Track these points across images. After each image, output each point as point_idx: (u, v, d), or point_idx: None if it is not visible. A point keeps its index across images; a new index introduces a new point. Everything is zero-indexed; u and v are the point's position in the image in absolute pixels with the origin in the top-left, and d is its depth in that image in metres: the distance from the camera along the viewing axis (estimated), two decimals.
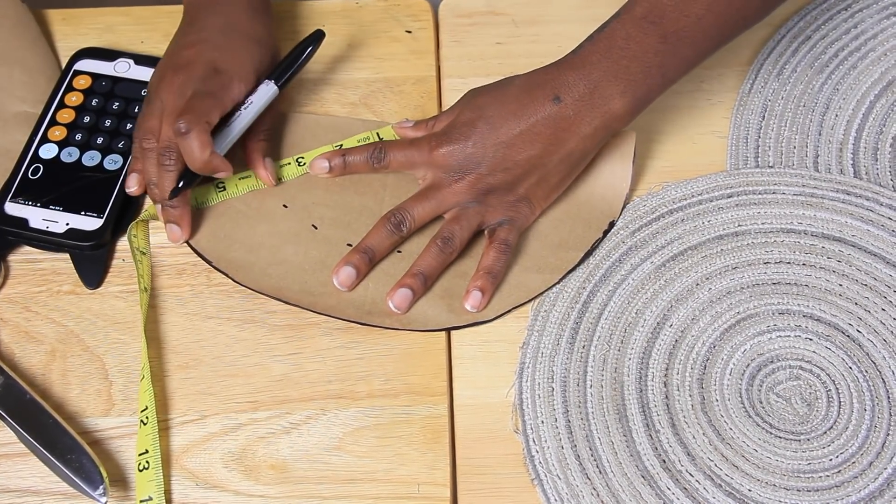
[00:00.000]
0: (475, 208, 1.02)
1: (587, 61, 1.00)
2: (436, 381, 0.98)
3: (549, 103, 1.00)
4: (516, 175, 1.01)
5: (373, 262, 1.02)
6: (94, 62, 1.14)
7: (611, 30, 0.99)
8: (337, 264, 1.02)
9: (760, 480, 0.92)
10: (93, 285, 1.03)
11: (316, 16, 1.19)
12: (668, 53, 0.98)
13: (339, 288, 1.01)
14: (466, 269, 1.03)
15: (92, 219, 1.04)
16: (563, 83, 1.00)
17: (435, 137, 1.03)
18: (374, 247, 1.02)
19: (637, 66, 0.98)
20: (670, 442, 0.94)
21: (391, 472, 0.94)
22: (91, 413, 0.96)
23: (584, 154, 1.02)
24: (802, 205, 1.05)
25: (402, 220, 1.02)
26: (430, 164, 1.03)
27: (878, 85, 1.13)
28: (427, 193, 1.03)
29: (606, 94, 0.99)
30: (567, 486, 0.92)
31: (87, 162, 1.07)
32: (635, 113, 1.01)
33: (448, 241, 1.01)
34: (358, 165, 1.05)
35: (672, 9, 0.97)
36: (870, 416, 0.95)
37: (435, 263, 1.01)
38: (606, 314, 1.00)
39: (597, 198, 1.06)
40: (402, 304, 1.00)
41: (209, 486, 0.93)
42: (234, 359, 0.99)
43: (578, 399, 0.96)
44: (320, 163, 1.06)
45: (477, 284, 1.01)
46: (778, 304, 1.00)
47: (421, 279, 1.01)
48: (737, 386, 0.96)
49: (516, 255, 1.03)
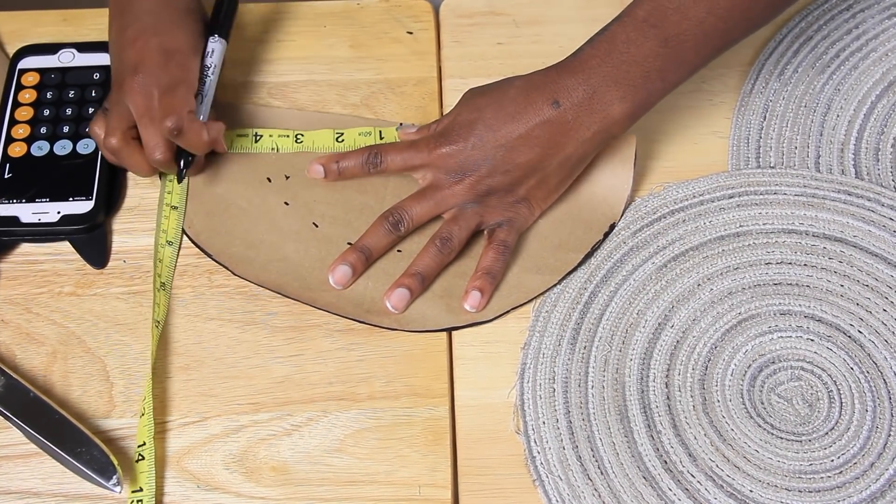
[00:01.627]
0: (474, 209, 1.02)
1: (587, 65, 0.99)
2: (437, 382, 0.98)
3: (548, 107, 0.99)
4: (516, 177, 1.01)
5: (369, 261, 1.02)
6: (37, 58, 1.14)
7: (611, 33, 0.99)
8: (333, 262, 1.02)
9: (762, 481, 0.92)
10: (99, 265, 1.03)
11: (316, 17, 1.19)
12: (669, 58, 0.98)
13: (334, 286, 1.01)
14: (466, 269, 1.03)
15: (82, 202, 1.05)
16: (562, 87, 0.99)
17: (434, 138, 1.03)
18: (371, 246, 1.02)
19: (637, 70, 0.98)
20: (672, 443, 0.94)
21: (392, 474, 0.93)
22: (92, 414, 0.96)
23: (582, 157, 1.02)
24: (804, 205, 1.04)
25: (400, 220, 1.02)
26: (430, 164, 1.03)
27: (880, 85, 1.12)
28: (426, 193, 1.03)
29: (606, 100, 0.99)
30: (568, 486, 0.92)
31: (59, 151, 1.08)
32: (635, 118, 1.00)
33: (447, 242, 1.01)
34: (353, 170, 1.05)
35: (673, 11, 0.96)
36: (871, 417, 0.95)
37: (433, 263, 1.01)
38: (608, 315, 1.00)
39: (598, 199, 1.05)
40: (399, 303, 1.00)
41: (210, 488, 0.93)
42: (235, 360, 0.99)
43: (580, 400, 0.96)
44: (315, 167, 1.06)
45: (476, 285, 1.01)
46: (779, 305, 1.00)
47: (418, 279, 1.01)
48: (738, 387, 0.96)
49: (516, 255, 1.03)
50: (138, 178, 1.08)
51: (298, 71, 1.15)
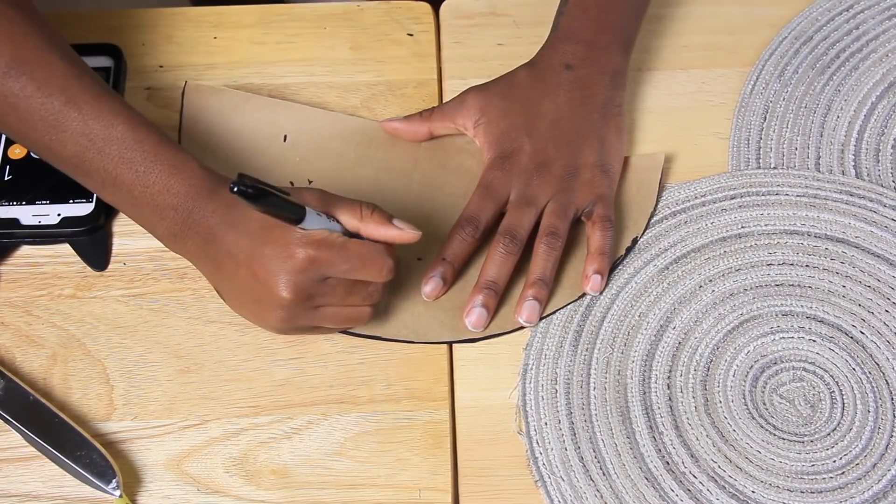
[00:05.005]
0: (565, 196, 1.03)
1: (571, 28, 1.08)
2: (437, 385, 0.98)
3: (564, 73, 1.06)
4: (580, 147, 1.04)
5: (499, 294, 1.00)
6: None
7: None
8: (467, 305, 1.00)
9: (764, 482, 0.92)
10: (100, 267, 1.03)
11: (317, 18, 1.18)
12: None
13: (472, 329, 1.00)
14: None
15: (83, 204, 1.04)
16: (563, 53, 1.07)
17: (497, 165, 1.04)
18: (497, 277, 1.00)
19: (614, 16, 1.08)
20: (674, 444, 0.94)
21: (393, 478, 0.93)
22: (92, 417, 0.96)
23: (612, 101, 1.07)
24: (805, 206, 1.04)
25: (515, 235, 1.00)
26: (512, 186, 1.03)
27: (880, 86, 1.12)
28: (519, 204, 1.02)
29: (601, 46, 1.07)
30: (571, 487, 0.92)
31: None
32: (628, 54, 1.10)
33: (554, 236, 1.01)
34: (462, 252, 1.02)
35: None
36: (873, 418, 0.94)
37: (549, 265, 1.00)
38: (609, 317, 1.00)
39: (622, 215, 1.05)
40: (532, 316, 0.99)
41: (210, 492, 0.93)
42: (235, 363, 0.99)
43: (582, 401, 0.96)
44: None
45: (595, 267, 1.00)
46: (781, 306, 1.00)
47: (542, 285, 1.00)
48: (740, 388, 0.96)
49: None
50: None
51: (298, 73, 1.15)
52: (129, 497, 0.92)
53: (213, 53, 1.15)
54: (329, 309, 0.93)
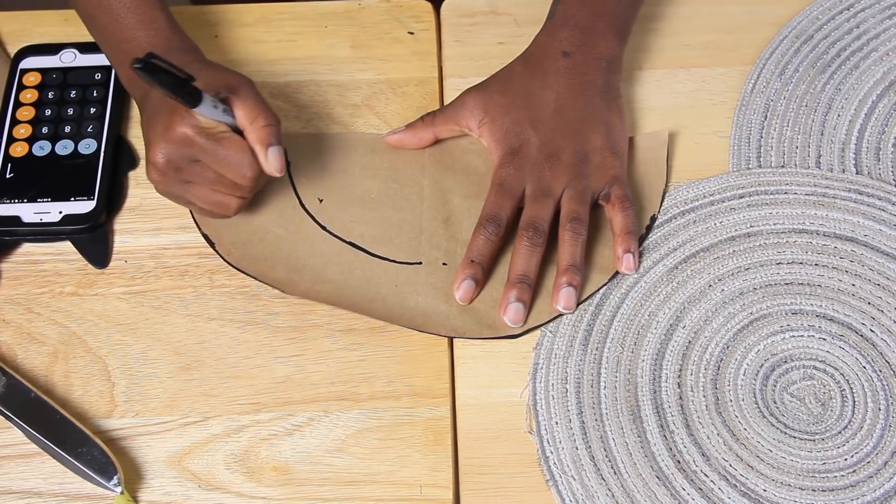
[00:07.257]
0: (581, 182, 1.03)
1: (568, 16, 1.08)
2: (438, 382, 0.98)
3: (562, 60, 1.07)
4: (587, 133, 1.04)
5: (531, 287, 1.00)
6: (38, 58, 1.14)
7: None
8: (502, 303, 1.00)
9: (775, 480, 0.92)
10: (101, 265, 1.04)
11: (318, 17, 1.18)
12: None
13: (511, 325, 0.99)
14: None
15: (84, 202, 1.05)
16: (560, 41, 1.08)
17: (508, 161, 1.04)
18: (527, 270, 1.00)
19: (611, 4, 1.09)
20: (685, 442, 0.94)
21: (393, 474, 0.94)
22: (94, 414, 0.96)
23: (612, 85, 1.08)
24: (814, 205, 1.04)
25: (538, 227, 1.00)
26: (526, 180, 1.03)
27: (881, 85, 1.13)
28: (536, 197, 1.02)
29: (598, 32, 1.08)
30: (582, 487, 0.92)
31: (60, 151, 1.08)
32: (624, 40, 1.10)
33: (578, 221, 1.01)
34: (488, 253, 1.03)
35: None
36: (884, 416, 0.95)
37: (578, 249, 1.00)
38: (619, 316, 1.00)
39: (636, 196, 1.05)
40: (570, 303, 0.99)
41: (211, 488, 0.93)
42: (236, 360, 0.99)
43: (592, 400, 0.96)
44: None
45: (625, 247, 1.01)
46: (791, 305, 1.00)
47: (574, 270, 1.00)
48: (751, 386, 0.96)
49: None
50: (140, 178, 1.08)
51: (300, 71, 1.14)
52: (130, 494, 0.92)
53: (214, 52, 1.15)
54: (198, 187, 0.97)
